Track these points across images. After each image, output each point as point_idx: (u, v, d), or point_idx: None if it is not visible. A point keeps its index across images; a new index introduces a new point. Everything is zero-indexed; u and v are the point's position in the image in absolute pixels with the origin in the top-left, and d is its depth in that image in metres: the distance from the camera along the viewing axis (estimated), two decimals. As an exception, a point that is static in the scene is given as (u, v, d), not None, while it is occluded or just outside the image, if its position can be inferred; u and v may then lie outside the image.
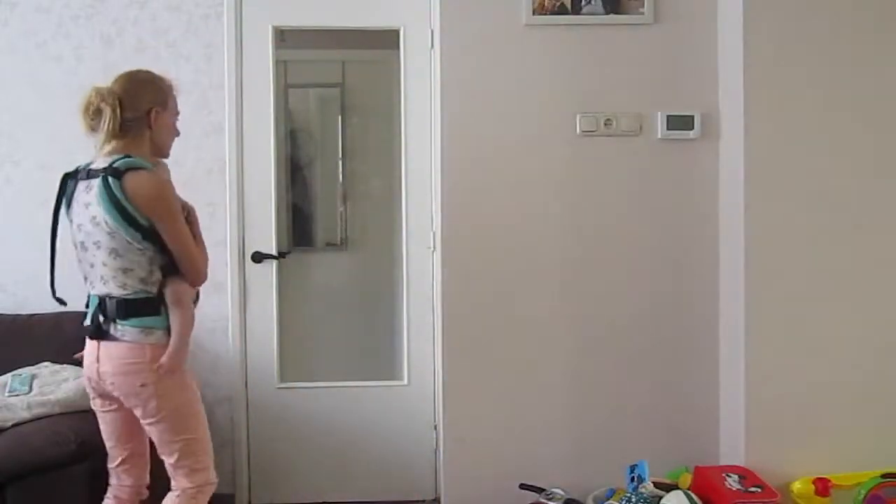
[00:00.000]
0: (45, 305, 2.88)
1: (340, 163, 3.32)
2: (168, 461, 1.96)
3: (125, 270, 1.90)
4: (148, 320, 1.91)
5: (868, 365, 2.59)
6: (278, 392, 3.03)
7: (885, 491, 2.43)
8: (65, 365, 2.54)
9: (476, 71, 2.74)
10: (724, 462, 2.70)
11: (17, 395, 2.35)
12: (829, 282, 2.59)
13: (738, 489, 2.39)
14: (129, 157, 1.89)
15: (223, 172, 2.97)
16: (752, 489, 2.39)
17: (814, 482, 2.47)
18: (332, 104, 3.38)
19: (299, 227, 3.31)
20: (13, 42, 2.96)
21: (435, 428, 3.03)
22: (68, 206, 1.98)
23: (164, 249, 1.91)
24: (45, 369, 2.51)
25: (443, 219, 2.76)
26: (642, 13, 2.73)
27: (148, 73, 2.05)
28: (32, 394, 2.36)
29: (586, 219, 2.77)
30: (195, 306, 2.06)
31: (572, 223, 2.77)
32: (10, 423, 2.23)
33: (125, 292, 1.90)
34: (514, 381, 2.77)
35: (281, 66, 3.09)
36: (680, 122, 2.74)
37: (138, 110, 1.95)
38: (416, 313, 3.05)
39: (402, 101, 3.01)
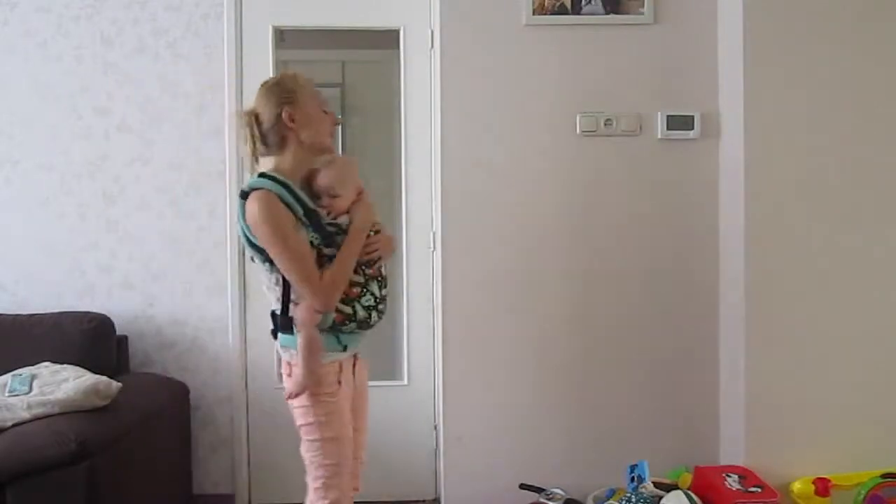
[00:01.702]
0: (46, 305, 2.90)
1: (340, 163, 3.32)
2: None
3: (267, 289, 1.93)
4: (284, 338, 1.92)
5: (868, 365, 2.60)
6: (278, 392, 3.01)
7: (885, 491, 2.43)
8: (65, 365, 2.53)
9: (476, 71, 2.75)
10: (724, 462, 2.71)
11: (17, 395, 2.34)
12: (829, 282, 2.59)
13: (738, 489, 2.39)
14: (261, 175, 1.88)
15: (223, 172, 2.97)
16: (752, 489, 2.39)
17: (814, 482, 2.47)
18: (332, 104, 3.37)
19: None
20: (13, 42, 2.96)
21: (435, 428, 3.03)
22: None
23: None
24: (45, 369, 2.50)
25: (443, 219, 2.76)
26: (642, 13, 2.74)
27: (275, 77, 2.03)
28: (32, 394, 2.35)
29: (586, 218, 2.77)
30: (356, 330, 1.93)
31: (572, 223, 2.77)
32: (10, 423, 2.23)
33: (273, 308, 1.94)
34: (514, 381, 2.77)
35: (281, 66, 3.09)
36: (680, 122, 2.74)
37: (271, 118, 1.92)
38: (416, 313, 3.04)
39: (402, 101, 3.01)
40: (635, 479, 2.51)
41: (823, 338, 2.59)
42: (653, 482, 2.49)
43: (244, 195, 1.85)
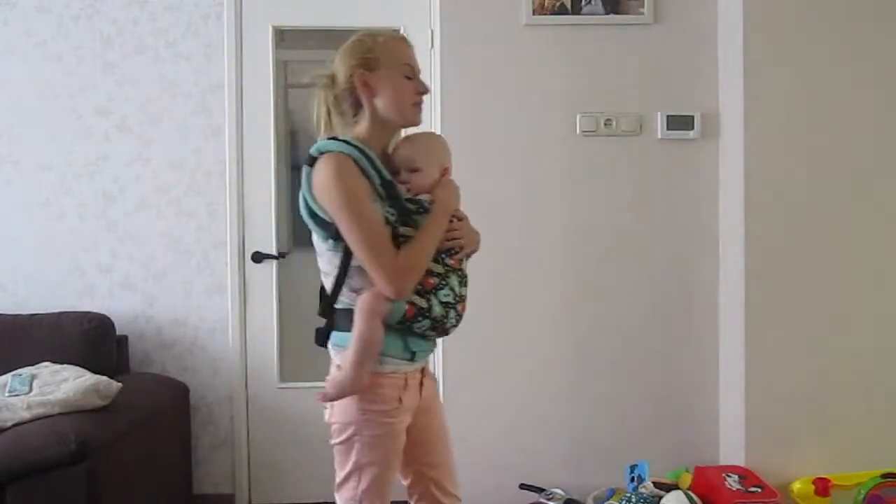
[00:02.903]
0: (46, 305, 2.90)
1: (340, 163, 3.32)
2: None
3: (325, 274, 1.65)
4: (339, 335, 1.62)
5: (868, 365, 2.60)
6: (278, 392, 3.03)
7: (885, 491, 2.43)
8: (65, 365, 2.53)
9: (476, 71, 2.74)
10: (724, 462, 2.71)
11: (17, 395, 2.34)
12: (829, 282, 2.59)
13: (738, 489, 2.39)
14: (332, 138, 1.62)
15: (223, 172, 2.97)
16: (752, 489, 2.39)
17: (814, 482, 2.47)
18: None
19: (299, 227, 3.28)
20: (13, 42, 2.96)
21: (435, 428, 3.03)
22: None
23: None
24: (45, 369, 2.50)
25: (443, 219, 2.76)
26: (642, 13, 2.74)
27: (359, 34, 1.72)
28: (32, 394, 2.35)
29: (586, 219, 2.77)
30: (429, 332, 1.63)
31: (572, 223, 2.77)
32: (10, 423, 2.23)
33: (331, 300, 1.64)
34: (514, 382, 2.77)
35: (281, 66, 3.09)
36: (680, 122, 2.74)
37: (344, 82, 1.66)
38: (416, 313, 3.04)
39: (402, 101, 3.00)
40: (635, 479, 2.51)
41: (823, 338, 2.59)
42: (653, 482, 2.49)
43: (311, 160, 1.59)
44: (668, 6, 2.75)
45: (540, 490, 2.64)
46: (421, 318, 1.59)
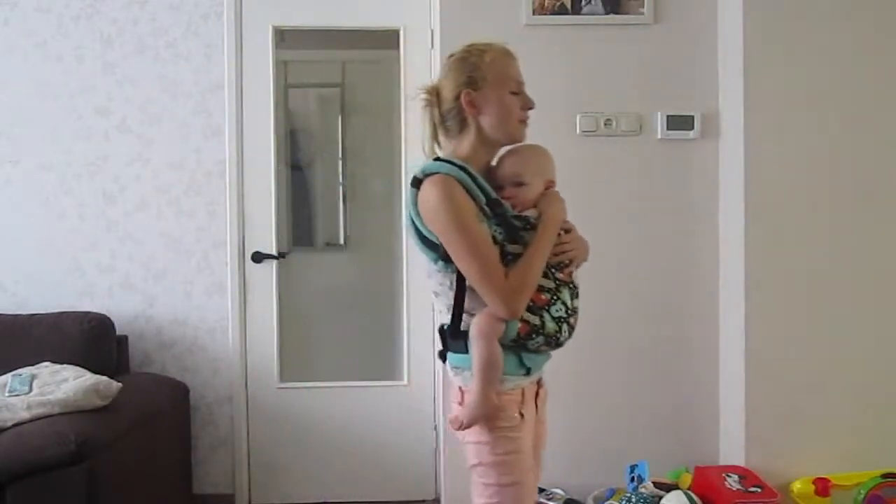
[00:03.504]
0: (46, 305, 2.90)
1: (340, 163, 3.32)
2: None
3: (436, 295, 1.64)
4: (456, 357, 1.62)
5: (868, 365, 2.60)
6: (278, 392, 3.03)
7: (885, 491, 2.43)
8: (65, 365, 2.54)
9: (476, 71, 2.74)
10: (724, 462, 2.71)
11: (17, 395, 2.34)
12: (829, 281, 2.59)
13: (738, 489, 2.39)
14: (437, 159, 1.63)
15: (223, 172, 2.97)
16: (752, 489, 2.39)
17: (814, 482, 2.47)
18: (332, 104, 3.37)
19: (299, 227, 3.30)
20: (13, 42, 2.96)
21: (435, 428, 3.03)
22: None
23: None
24: (45, 369, 2.50)
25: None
26: (642, 13, 2.74)
27: (464, 49, 1.70)
28: (32, 394, 2.35)
29: (586, 218, 2.75)
30: (542, 348, 1.62)
31: (572, 223, 2.76)
32: (10, 423, 2.23)
33: (443, 321, 1.64)
34: (514, 381, 2.76)
35: (281, 66, 3.09)
36: (680, 122, 2.74)
37: (451, 99, 1.65)
38: (415, 313, 3.04)
39: (402, 101, 3.01)
40: (635, 479, 2.51)
41: (823, 338, 2.59)
42: (653, 482, 2.50)
43: (416, 182, 1.59)
44: (668, 6, 2.75)
45: (540, 490, 2.64)
46: (535, 336, 1.59)
